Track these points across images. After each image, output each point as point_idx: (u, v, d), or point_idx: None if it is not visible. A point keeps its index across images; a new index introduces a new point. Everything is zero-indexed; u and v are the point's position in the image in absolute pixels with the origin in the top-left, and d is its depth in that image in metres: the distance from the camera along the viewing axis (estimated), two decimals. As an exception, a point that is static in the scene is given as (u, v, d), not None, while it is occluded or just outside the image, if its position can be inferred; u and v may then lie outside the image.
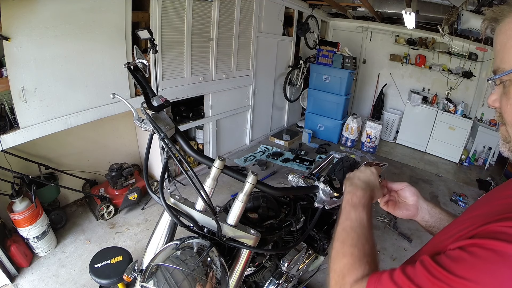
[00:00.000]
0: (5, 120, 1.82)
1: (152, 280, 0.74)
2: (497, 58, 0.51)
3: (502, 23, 0.51)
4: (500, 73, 0.50)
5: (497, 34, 0.52)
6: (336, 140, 5.05)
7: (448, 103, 4.85)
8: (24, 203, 1.97)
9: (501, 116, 0.53)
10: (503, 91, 0.51)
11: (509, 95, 0.49)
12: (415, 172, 4.35)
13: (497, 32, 0.52)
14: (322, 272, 2.27)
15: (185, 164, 0.87)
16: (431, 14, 4.06)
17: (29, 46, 1.80)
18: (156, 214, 2.72)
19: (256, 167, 3.85)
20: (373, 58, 5.78)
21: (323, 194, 1.02)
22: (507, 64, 0.49)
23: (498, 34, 0.51)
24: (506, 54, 0.49)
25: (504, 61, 0.50)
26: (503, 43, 0.50)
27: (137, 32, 2.14)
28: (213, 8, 3.02)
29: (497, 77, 0.51)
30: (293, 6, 4.44)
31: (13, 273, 1.97)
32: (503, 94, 0.51)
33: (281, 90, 4.79)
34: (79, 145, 2.73)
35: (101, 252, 1.60)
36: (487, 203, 0.57)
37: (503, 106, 0.52)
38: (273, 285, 1.32)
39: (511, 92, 0.49)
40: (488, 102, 0.56)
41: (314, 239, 1.64)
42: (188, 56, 2.90)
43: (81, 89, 2.16)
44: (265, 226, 1.18)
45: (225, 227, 0.91)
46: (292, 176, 1.26)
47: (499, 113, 0.54)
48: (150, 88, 1.08)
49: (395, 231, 2.87)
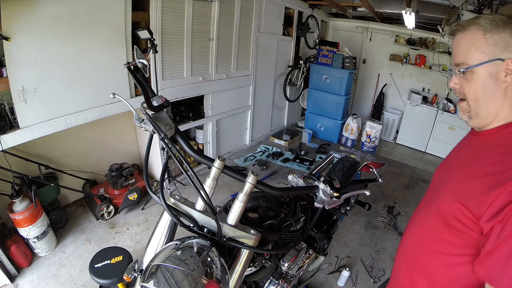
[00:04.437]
0: (5, 120, 1.82)
1: (152, 280, 0.74)
2: (461, 56, 0.74)
3: (465, 32, 0.73)
4: (465, 67, 0.73)
5: (460, 39, 0.75)
6: (336, 140, 5.05)
7: (448, 103, 4.85)
8: (24, 203, 1.97)
9: (462, 94, 0.78)
10: (463, 77, 0.75)
11: (470, 81, 0.74)
12: (415, 172, 4.36)
13: (460, 37, 0.75)
14: (322, 272, 2.27)
15: (185, 164, 0.87)
16: (431, 14, 4.05)
17: (29, 46, 1.80)
18: (156, 214, 2.72)
19: (256, 167, 3.85)
20: (373, 58, 5.78)
21: (323, 194, 1.02)
22: (470, 61, 0.72)
23: (461, 39, 0.74)
24: (470, 54, 0.72)
25: (468, 59, 0.73)
26: (467, 47, 0.73)
27: (137, 32, 2.14)
28: (213, 8, 3.02)
29: (464, 70, 0.74)
30: (293, 6, 4.44)
31: (13, 273, 1.97)
32: (464, 80, 0.75)
33: (281, 90, 4.79)
34: (79, 145, 2.73)
35: (101, 252, 1.60)
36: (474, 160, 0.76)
37: (465, 88, 0.76)
38: (273, 285, 1.32)
39: (472, 79, 0.73)
40: (450, 84, 0.79)
41: (314, 239, 1.64)
42: (188, 56, 2.90)
43: (81, 89, 2.15)
44: (265, 226, 1.18)
45: (225, 227, 0.91)
46: (292, 176, 1.27)
47: (459, 92, 0.79)
48: (150, 88, 1.09)
49: (395, 231, 2.87)
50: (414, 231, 0.91)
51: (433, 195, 0.85)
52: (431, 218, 0.81)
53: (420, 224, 0.88)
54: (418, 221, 0.90)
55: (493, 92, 0.71)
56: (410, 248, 0.92)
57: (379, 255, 2.54)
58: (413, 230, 0.92)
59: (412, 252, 0.91)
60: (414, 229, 0.92)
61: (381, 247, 2.64)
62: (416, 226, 0.90)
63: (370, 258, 2.49)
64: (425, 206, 0.89)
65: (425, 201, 0.92)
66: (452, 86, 0.79)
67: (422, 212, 0.89)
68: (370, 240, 2.72)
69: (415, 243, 0.89)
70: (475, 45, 0.71)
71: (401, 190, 3.72)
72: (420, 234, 0.87)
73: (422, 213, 0.89)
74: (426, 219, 0.85)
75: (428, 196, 0.93)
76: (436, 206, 0.80)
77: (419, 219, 0.90)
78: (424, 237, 0.85)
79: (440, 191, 0.81)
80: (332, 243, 2.54)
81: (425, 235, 0.84)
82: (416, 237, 0.89)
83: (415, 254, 0.88)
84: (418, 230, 0.88)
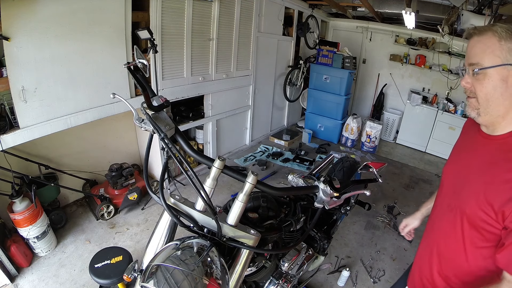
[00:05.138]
0: (5, 120, 1.82)
1: (152, 280, 0.74)
2: (476, 56, 0.79)
3: (482, 36, 0.78)
4: (479, 67, 0.78)
5: (476, 42, 0.79)
6: (336, 140, 5.05)
7: (448, 103, 4.85)
8: (24, 203, 1.97)
9: (472, 92, 0.83)
10: (475, 77, 0.80)
11: (481, 81, 0.79)
12: (415, 172, 4.36)
13: (476, 40, 0.79)
14: (322, 272, 2.27)
15: (185, 164, 0.87)
16: (431, 14, 4.05)
17: (29, 46, 1.80)
18: (156, 214, 2.72)
19: (256, 167, 3.85)
20: (373, 58, 5.78)
21: (323, 194, 1.02)
22: (484, 63, 0.77)
23: (477, 42, 0.79)
24: (485, 56, 0.77)
25: (483, 60, 0.77)
26: (483, 49, 0.78)
27: (137, 32, 2.14)
28: (213, 8, 3.02)
29: (477, 70, 0.78)
30: (293, 6, 4.44)
31: (13, 273, 1.97)
32: (475, 80, 0.80)
33: (281, 90, 4.79)
34: (79, 145, 2.73)
35: (101, 252, 1.60)
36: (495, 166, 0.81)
37: (476, 87, 0.81)
38: (273, 285, 1.32)
39: (484, 80, 0.78)
40: (462, 83, 0.85)
41: (314, 239, 1.64)
42: (188, 56, 2.90)
43: (81, 89, 2.15)
44: (265, 226, 1.18)
45: (225, 227, 0.91)
46: (292, 176, 1.27)
47: (470, 90, 0.84)
48: (150, 88, 1.08)
49: (395, 231, 2.87)
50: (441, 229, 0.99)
51: (456, 198, 0.92)
52: (458, 221, 0.89)
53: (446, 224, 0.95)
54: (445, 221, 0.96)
55: (504, 94, 0.77)
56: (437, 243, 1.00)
57: (379, 255, 2.54)
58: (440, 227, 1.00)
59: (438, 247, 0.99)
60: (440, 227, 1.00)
61: (381, 247, 2.64)
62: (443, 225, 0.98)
63: (370, 258, 2.49)
64: (448, 209, 0.95)
65: (446, 203, 0.98)
66: (463, 84, 0.84)
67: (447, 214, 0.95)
68: (370, 240, 2.72)
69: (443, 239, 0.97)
70: (491, 48, 0.76)
71: (401, 190, 3.72)
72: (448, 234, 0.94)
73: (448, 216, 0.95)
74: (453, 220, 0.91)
75: (447, 197, 0.99)
76: (461, 210, 0.87)
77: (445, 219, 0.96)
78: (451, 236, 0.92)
79: (462, 195, 0.89)
80: (332, 243, 2.54)
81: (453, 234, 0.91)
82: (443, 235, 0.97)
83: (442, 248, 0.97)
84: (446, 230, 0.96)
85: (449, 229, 0.93)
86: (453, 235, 0.91)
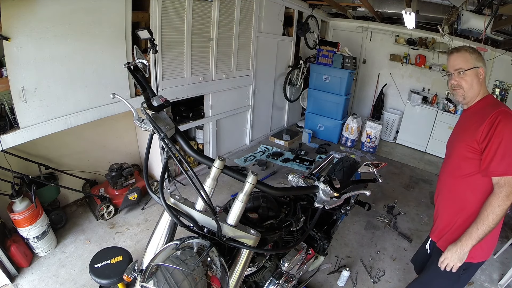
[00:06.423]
0: (5, 120, 1.82)
1: (152, 280, 0.74)
2: (459, 65, 1.30)
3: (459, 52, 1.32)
4: (463, 70, 1.29)
5: (457, 56, 1.32)
6: (336, 140, 5.05)
7: (448, 103, 4.85)
8: (24, 203, 1.97)
9: (459, 85, 1.33)
10: (460, 76, 1.31)
11: (465, 78, 1.30)
12: (415, 172, 4.36)
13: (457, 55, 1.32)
14: (322, 272, 2.27)
15: (185, 164, 0.87)
16: (431, 14, 4.05)
17: (29, 46, 1.80)
18: (156, 214, 2.72)
19: (256, 167, 3.85)
20: (373, 58, 5.78)
21: (323, 194, 1.02)
22: (465, 67, 1.29)
23: (458, 56, 1.31)
24: (464, 63, 1.29)
25: (463, 66, 1.29)
26: (462, 60, 1.30)
27: (137, 32, 2.14)
28: (213, 8, 3.02)
29: (462, 72, 1.29)
30: (293, 6, 4.44)
31: (13, 273, 1.97)
32: (460, 78, 1.31)
33: (281, 90, 4.79)
34: (79, 145, 2.73)
35: (101, 252, 1.60)
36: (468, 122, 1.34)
37: (462, 83, 1.31)
38: (273, 285, 1.32)
39: (466, 77, 1.30)
40: (451, 82, 1.35)
41: (314, 239, 1.64)
42: (188, 56, 2.90)
43: (81, 89, 2.15)
44: (265, 226, 1.18)
45: (225, 227, 0.91)
46: (292, 176, 1.27)
47: (457, 85, 1.33)
48: (150, 88, 1.08)
49: (395, 231, 2.87)
50: (446, 174, 1.43)
51: (449, 152, 1.43)
52: (453, 161, 1.37)
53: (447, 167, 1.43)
54: (447, 165, 1.43)
55: (477, 83, 1.30)
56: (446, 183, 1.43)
57: (379, 255, 2.54)
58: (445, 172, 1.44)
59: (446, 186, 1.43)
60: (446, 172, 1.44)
61: (381, 247, 2.64)
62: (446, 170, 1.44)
63: (370, 258, 2.49)
64: (446, 159, 1.46)
65: (446, 159, 1.48)
66: (452, 82, 1.35)
67: (446, 164, 1.44)
68: (370, 240, 2.72)
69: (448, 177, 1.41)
70: (466, 59, 1.29)
71: (401, 190, 3.72)
72: (450, 172, 1.40)
73: (447, 164, 1.44)
74: (450, 163, 1.40)
75: (446, 157, 1.49)
76: (453, 154, 1.37)
77: (447, 166, 1.43)
78: (451, 172, 1.39)
79: (453, 146, 1.40)
80: (332, 243, 2.54)
81: (452, 171, 1.38)
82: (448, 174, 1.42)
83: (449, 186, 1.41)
84: (448, 171, 1.41)
85: (450, 171, 1.39)
86: (451, 175, 1.37)
